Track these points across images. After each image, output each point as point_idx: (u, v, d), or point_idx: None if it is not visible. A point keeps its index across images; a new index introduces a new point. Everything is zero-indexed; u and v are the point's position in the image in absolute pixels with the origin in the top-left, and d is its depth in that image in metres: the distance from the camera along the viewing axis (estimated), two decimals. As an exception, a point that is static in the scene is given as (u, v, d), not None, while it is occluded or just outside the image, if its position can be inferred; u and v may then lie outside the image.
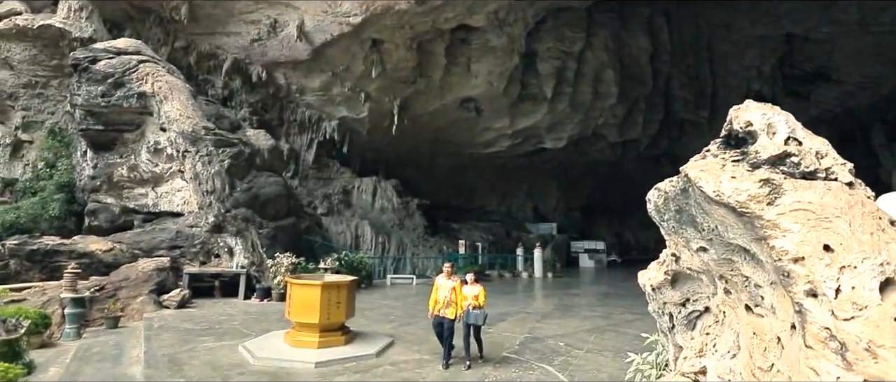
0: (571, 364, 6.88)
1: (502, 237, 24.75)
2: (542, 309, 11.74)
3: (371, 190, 21.77)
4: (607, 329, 9.30)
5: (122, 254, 11.55)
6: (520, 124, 24.95)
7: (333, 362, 6.54)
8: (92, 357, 7.12)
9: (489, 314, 10.16)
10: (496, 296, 14.12)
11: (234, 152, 13.63)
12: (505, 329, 9.17)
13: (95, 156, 15.08)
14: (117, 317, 8.96)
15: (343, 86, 22.07)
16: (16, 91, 19.90)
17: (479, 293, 6.74)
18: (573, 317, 10.62)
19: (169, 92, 14.39)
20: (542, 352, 7.48)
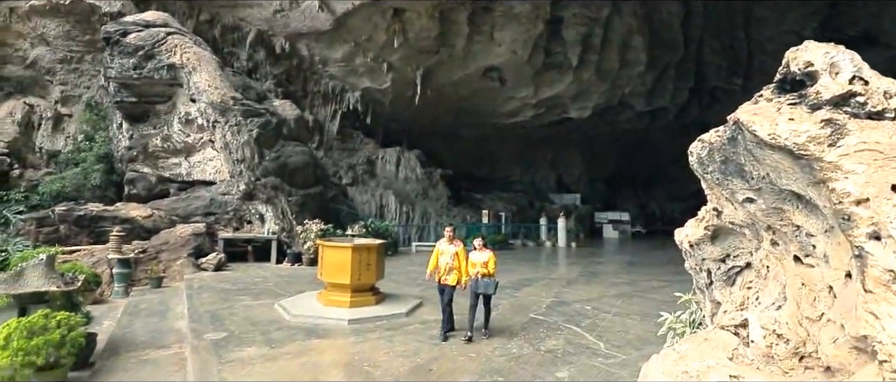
0: (599, 326, 6.94)
1: (525, 207, 24.68)
2: (567, 276, 11.78)
3: (395, 160, 21.89)
4: (634, 295, 9.28)
5: (160, 220, 12.04)
6: (544, 93, 24.44)
7: (365, 320, 6.76)
8: (140, 312, 7.56)
9: (513, 281, 10.25)
10: (520, 264, 14.24)
11: (262, 122, 13.84)
12: (530, 294, 9.27)
13: (131, 127, 15.57)
14: (160, 278, 9.44)
15: (365, 57, 21.95)
16: (53, 66, 20.48)
17: (489, 259, 6.20)
18: (599, 284, 10.63)
19: (197, 63, 14.60)
20: (569, 315, 7.55)
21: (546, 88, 24.22)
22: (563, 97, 24.69)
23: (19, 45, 20.23)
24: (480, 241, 6.37)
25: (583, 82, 23.66)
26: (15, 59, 20.20)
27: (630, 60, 23.18)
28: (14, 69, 20.14)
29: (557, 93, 24.36)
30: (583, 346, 5.98)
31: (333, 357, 5.41)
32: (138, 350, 5.76)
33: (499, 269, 9.05)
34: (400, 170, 21.79)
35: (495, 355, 5.55)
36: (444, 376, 4.83)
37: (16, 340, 4.40)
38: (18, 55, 20.20)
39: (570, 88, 24.06)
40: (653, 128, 28.31)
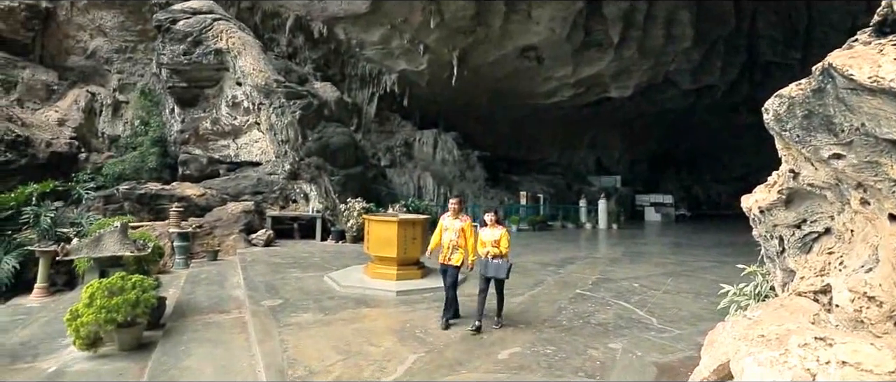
0: (649, 302, 6.78)
1: (563, 189, 24.27)
2: (611, 255, 11.54)
3: (432, 142, 21.96)
4: (682, 275, 9.00)
5: (212, 198, 12.63)
6: (583, 73, 23.74)
7: (412, 292, 6.88)
8: (201, 281, 8.00)
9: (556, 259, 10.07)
10: (561, 243, 14.08)
11: (304, 103, 14.15)
12: (574, 271, 9.15)
13: (182, 111, 16.30)
14: (216, 251, 9.94)
15: (402, 39, 21.97)
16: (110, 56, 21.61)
17: (501, 237, 5.31)
18: (645, 263, 10.36)
19: (242, 47, 15.04)
20: (616, 291, 7.41)
21: (585, 67, 23.51)
22: (603, 76, 23.91)
23: (80, 36, 21.41)
24: (492, 216, 5.49)
25: (624, 60, 22.81)
26: (77, 50, 21.42)
27: (675, 36, 22.10)
28: (76, 59, 21.37)
29: (597, 72, 23.60)
30: (633, 320, 5.86)
31: (385, 323, 5.54)
32: (203, 314, 6.11)
33: (540, 248, 9.00)
34: (437, 151, 21.85)
35: (545, 326, 5.53)
36: (495, 344, 4.86)
37: (98, 298, 4.75)
38: (80, 46, 21.40)
39: (611, 67, 23.25)
40: (699, 107, 27.02)
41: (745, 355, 2.74)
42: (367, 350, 4.65)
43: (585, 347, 4.84)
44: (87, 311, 4.67)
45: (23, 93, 19.44)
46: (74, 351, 4.94)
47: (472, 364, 4.34)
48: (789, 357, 2.46)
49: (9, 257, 7.91)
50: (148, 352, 4.99)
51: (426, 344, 4.79)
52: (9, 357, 4.91)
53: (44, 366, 4.66)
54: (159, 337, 5.33)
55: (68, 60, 21.32)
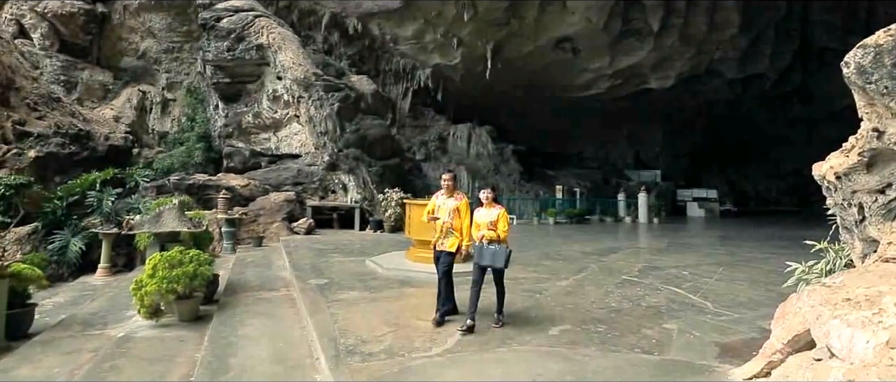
0: (701, 288, 6.49)
1: (600, 184, 23.69)
2: (655, 246, 11.15)
3: (466, 136, 21.92)
4: (735, 264, 8.58)
5: (255, 188, 13.06)
6: (621, 63, 23.11)
7: (456, 275, 6.82)
8: (249, 264, 8.27)
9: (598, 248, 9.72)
10: (601, 235, 13.74)
11: (342, 96, 14.41)
12: (618, 259, 8.90)
13: (226, 106, 16.93)
14: (260, 238, 10.27)
15: (435, 33, 22.02)
16: (159, 56, 22.71)
17: (498, 217, 4.54)
18: (692, 254, 9.96)
19: (282, 42, 15.47)
20: (665, 278, 7.14)
21: (623, 58, 22.87)
22: (642, 66, 23.19)
23: (132, 38, 22.57)
24: (488, 193, 4.71)
25: (664, 49, 22.04)
26: (129, 51, 22.61)
27: (720, 23, 21.17)
28: (129, 60, 22.57)
29: (636, 63, 22.91)
30: (686, 304, 5.62)
31: (430, 302, 5.52)
32: (253, 291, 6.30)
33: (580, 239, 8.81)
34: (471, 146, 21.79)
35: (593, 307, 5.39)
36: (544, 322, 4.77)
37: (160, 270, 4.97)
38: (132, 47, 22.57)
39: (651, 57, 22.51)
40: (746, 98, 25.77)
41: (829, 318, 2.57)
42: (415, 324, 4.66)
43: (639, 327, 4.68)
44: (150, 281, 4.90)
45: (82, 93, 20.73)
46: (139, 320, 5.20)
47: (522, 338, 4.28)
48: (884, 317, 2.28)
49: (76, 239, 8.43)
50: (205, 323, 5.20)
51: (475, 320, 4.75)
52: (82, 325, 5.23)
53: (113, 333, 4.93)
54: (214, 311, 5.53)
55: (122, 61, 22.54)
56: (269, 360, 3.97)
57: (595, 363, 3.73)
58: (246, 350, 4.19)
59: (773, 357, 3.19)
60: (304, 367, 3.83)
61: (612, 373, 3.54)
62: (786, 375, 2.88)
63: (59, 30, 20.78)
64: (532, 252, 9.76)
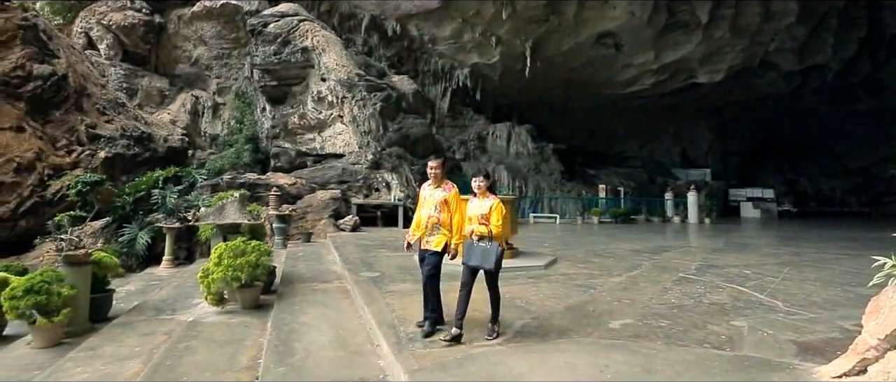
0: (768, 287, 6.13)
1: (645, 183, 22.90)
2: (710, 246, 10.64)
3: (505, 135, 21.77)
4: (803, 265, 8.05)
5: (302, 187, 13.48)
6: (667, 57, 22.26)
7: (505, 270, 6.64)
8: (300, 258, 8.53)
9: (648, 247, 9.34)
10: (648, 234, 13.27)
11: (384, 96, 14.65)
12: (672, 257, 8.56)
13: (273, 109, 17.58)
14: (309, 234, 10.58)
15: (474, 32, 22.01)
16: (210, 63, 23.89)
17: (491, 210, 3.93)
18: (752, 254, 9.43)
19: (325, 44, 15.91)
20: (726, 276, 6.79)
21: (669, 52, 22.03)
22: (689, 60, 22.25)
23: (186, 46, 23.84)
24: (481, 180, 4.08)
25: (714, 41, 21.05)
26: (183, 58, 23.88)
27: (775, 11, 19.99)
28: (183, 67, 23.85)
29: (683, 57, 22.01)
30: (753, 303, 5.32)
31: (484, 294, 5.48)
32: (307, 283, 6.49)
33: (628, 238, 8.45)
34: (511, 145, 21.62)
35: (652, 303, 5.19)
36: (602, 316, 4.65)
37: (226, 258, 5.20)
38: (185, 55, 23.83)
39: (699, 50, 21.56)
40: (805, 91, 24.22)
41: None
42: (472, 315, 4.63)
43: (704, 323, 4.47)
44: (216, 269, 5.13)
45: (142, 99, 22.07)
46: (205, 307, 5.46)
47: (583, 330, 4.18)
48: None
49: (143, 233, 8.99)
50: (265, 311, 5.39)
51: (531, 313, 4.70)
52: (154, 310, 5.54)
53: (182, 318, 5.20)
54: (274, 300, 5.73)
55: (176, 68, 23.85)
56: (330, 346, 4.06)
57: (662, 356, 3.59)
58: (308, 335, 4.31)
59: (868, 353, 2.97)
60: (366, 353, 3.89)
61: (683, 367, 3.39)
62: (887, 371, 2.66)
63: (122, 40, 22.22)
64: (579, 250, 9.55)
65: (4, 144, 10.20)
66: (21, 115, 11.07)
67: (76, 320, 4.86)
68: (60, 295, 4.56)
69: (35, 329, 4.49)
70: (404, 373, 3.16)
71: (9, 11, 12.32)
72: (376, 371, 3.53)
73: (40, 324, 4.44)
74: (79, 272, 5.06)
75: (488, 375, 3.15)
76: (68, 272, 4.93)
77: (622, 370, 3.30)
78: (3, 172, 9.84)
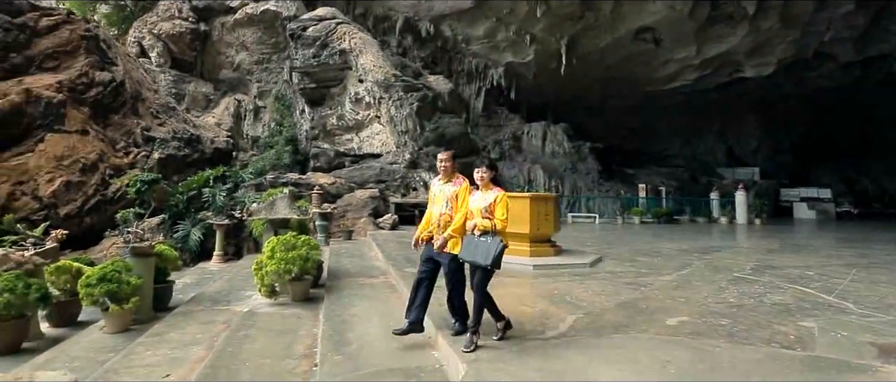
0: (835, 289, 5.76)
1: (688, 182, 22.07)
2: (764, 246, 10.12)
3: (541, 134, 21.51)
4: (873, 267, 7.52)
5: (341, 186, 13.76)
6: (710, 51, 21.41)
7: (549, 267, 6.70)
8: (343, 254, 8.70)
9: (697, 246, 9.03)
10: (695, 234, 12.77)
11: (421, 95, 14.76)
12: (724, 257, 8.20)
13: (311, 110, 18.04)
14: (350, 231, 10.79)
15: (507, 31, 21.86)
16: (251, 67, 24.77)
17: (496, 201, 3.65)
18: (812, 255, 8.90)
19: (363, 46, 16.19)
20: (787, 277, 6.43)
21: (712, 45, 21.17)
22: (735, 53, 21.30)
23: (228, 52, 24.82)
24: (484, 172, 3.81)
25: (762, 33, 20.07)
26: (226, 64, 24.88)
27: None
28: (226, 73, 24.85)
29: (728, 50, 21.10)
30: (821, 304, 5.01)
31: (531, 290, 5.45)
32: (353, 278, 6.60)
33: (673, 237, 8.25)
34: (546, 144, 21.33)
35: (709, 301, 4.98)
36: (656, 313, 4.49)
37: (278, 252, 5.36)
38: (228, 61, 24.82)
39: (745, 42, 20.60)
40: (864, 84, 22.69)
41: None
42: (522, 309, 4.60)
43: (768, 323, 4.25)
44: (269, 262, 5.30)
45: (189, 103, 23.13)
46: (258, 298, 5.65)
47: (638, 326, 4.06)
48: None
49: (195, 229, 9.42)
50: (315, 304, 5.52)
51: (582, 308, 4.60)
52: (210, 301, 5.78)
53: (237, 309, 5.39)
54: (323, 293, 5.86)
55: (220, 74, 24.86)
56: (383, 336, 4.11)
57: (728, 354, 3.43)
58: (361, 327, 4.38)
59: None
60: (420, 344, 3.91)
61: (751, 366, 3.23)
62: None
63: (170, 48, 23.37)
64: (623, 249, 9.30)
65: (71, 146, 10.93)
66: (85, 119, 11.82)
67: (142, 308, 5.12)
68: (129, 284, 4.82)
69: (107, 315, 4.77)
70: (462, 363, 3.15)
71: (74, 23, 13.20)
72: (432, 361, 3.54)
73: (112, 311, 4.71)
74: (144, 263, 5.34)
75: (547, 368, 3.10)
76: (135, 263, 5.21)
77: (686, 366, 3.17)
78: (71, 172, 10.54)
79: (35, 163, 10.34)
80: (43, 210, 9.99)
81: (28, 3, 12.73)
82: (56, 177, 10.40)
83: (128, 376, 3.58)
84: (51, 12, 13.13)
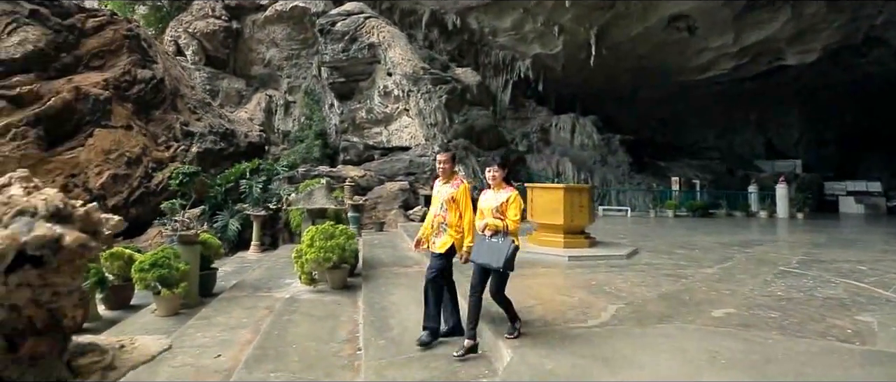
0: (892, 285, 5.47)
1: (723, 175, 21.31)
2: (810, 240, 9.70)
3: (569, 127, 21.17)
4: (929, 260, 7.12)
5: (371, 178, 13.93)
6: (748, 39, 20.51)
7: (585, 258, 6.61)
8: (376, 245, 8.82)
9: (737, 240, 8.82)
10: (733, 228, 12.35)
11: (449, 88, 14.75)
12: (767, 251, 7.91)
13: (341, 104, 18.30)
14: (381, 223, 10.93)
15: (535, 22, 21.53)
16: (281, 63, 25.29)
17: (509, 201, 3.43)
18: (862, 249, 8.48)
19: (391, 40, 16.28)
20: (837, 271, 6.15)
21: (751, 32, 20.27)
22: (775, 40, 20.33)
23: (259, 49, 25.39)
24: (495, 171, 3.58)
25: (805, 18, 19.07)
26: (257, 60, 25.47)
27: (884, -21, 17.74)
28: (257, 69, 25.45)
29: (767, 37, 20.16)
30: (879, 299, 4.77)
31: (568, 281, 5.39)
32: (388, 267, 6.69)
33: (710, 231, 8.22)
34: (575, 136, 20.99)
35: (755, 294, 4.82)
36: (701, 305, 4.37)
37: (317, 240, 5.48)
38: (259, 57, 25.39)
39: (787, 28, 19.63)
40: (922, 70, 21.29)
41: None
42: (561, 298, 4.56)
43: (822, 316, 4.08)
44: (309, 250, 5.42)
45: (223, 99, 23.82)
46: (297, 285, 5.79)
47: (683, 317, 3.96)
48: None
49: (233, 220, 9.73)
50: (352, 292, 5.63)
51: (622, 298, 4.53)
52: (252, 288, 5.97)
53: (278, 295, 5.55)
54: (359, 282, 5.97)
55: (252, 70, 25.48)
56: (421, 323, 4.15)
57: (782, 346, 3.32)
58: (400, 313, 4.44)
59: None
60: (460, 331, 3.93)
61: (807, 358, 3.12)
62: None
63: (205, 46, 24.08)
64: (659, 241, 9.08)
65: (117, 141, 11.45)
66: (129, 115, 12.35)
67: (190, 293, 5.34)
68: (179, 270, 5.03)
69: (159, 299, 5.00)
70: (507, 349, 3.15)
71: (117, 24, 13.77)
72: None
73: (163, 295, 4.93)
74: (191, 250, 5.56)
75: (593, 354, 3.07)
76: (182, 250, 5.43)
77: (738, 357, 3.09)
78: (117, 165, 11.06)
79: (85, 156, 10.89)
80: (92, 201, 10.48)
81: (75, 5, 13.36)
82: (104, 169, 10.92)
83: (182, 355, 3.74)
84: (96, 13, 13.73)
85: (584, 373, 2.79)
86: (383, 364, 3.32)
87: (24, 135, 10.13)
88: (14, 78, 10.66)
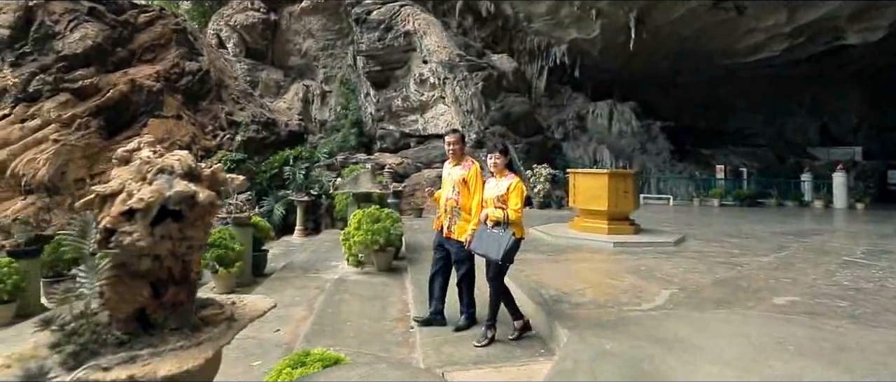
0: (974, 275, 5.09)
1: (773, 163, 20.22)
2: (875, 231, 9.11)
3: (607, 113, 20.61)
4: None
5: (408, 166, 14.08)
6: (803, 17, 19.21)
7: (630, 244, 6.47)
8: (416, 230, 8.93)
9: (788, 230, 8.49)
10: (785, 218, 11.77)
11: (485, 75, 14.61)
12: (825, 241, 7.50)
13: (377, 93, 18.47)
14: (420, 209, 11.04)
15: (571, 6, 20.92)
16: (317, 54, 25.74)
17: (510, 190, 3.32)
18: (934, 240, 7.91)
19: (427, 27, 16.25)
20: (907, 262, 5.78)
21: (807, 11, 18.96)
22: (834, 19, 18.98)
23: (296, 40, 25.88)
24: (497, 158, 3.45)
25: (869, -7, 17.71)
26: (294, 51, 25.99)
27: (961, -52, 16.21)
28: (295, 59, 25.99)
29: (825, 14, 18.82)
30: (959, 291, 4.45)
31: (616, 266, 5.31)
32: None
33: (761, 220, 8.05)
34: (613, 123, 20.42)
35: (819, 283, 4.60)
36: (761, 292, 4.21)
37: (364, 224, 5.60)
38: (296, 48, 25.90)
39: (848, 5, 18.26)
40: None
41: None
42: (611, 282, 4.50)
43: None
44: (357, 233, 5.56)
45: (262, 90, 24.53)
46: (345, 267, 5.96)
47: (742, 303, 3.84)
48: None
49: (278, 205, 10.07)
50: (397, 274, 5.74)
51: (675, 283, 4.42)
52: (301, 269, 6.19)
53: (327, 276, 5.73)
54: (404, 265, 6.08)
55: (289, 61, 26.05)
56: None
57: (855, 335, 3.16)
58: (449, 295, 4.49)
59: None
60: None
61: (886, 348, 2.96)
62: None
63: (245, 38, 24.79)
64: (706, 229, 8.78)
65: (169, 130, 12.04)
66: (179, 105, 12.94)
67: (243, 272, 5.59)
68: (234, 250, 5.27)
69: (216, 277, 5.26)
70: (563, 330, 3.15)
71: (166, 18, 14.37)
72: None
73: (220, 273, 5.19)
74: (244, 232, 5.81)
75: (652, 337, 3.02)
76: (237, 232, 5.67)
77: (807, 344, 2.96)
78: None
79: (140, 145, 11.49)
80: (148, 187, 11.12)
81: (128, 2, 14.01)
82: (158, 157, 11.51)
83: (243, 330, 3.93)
84: (147, 8, 14.37)
85: (645, 354, 2.75)
86: (439, 341, 3.39)
87: (87, 125, 10.80)
88: (77, 72, 11.34)
